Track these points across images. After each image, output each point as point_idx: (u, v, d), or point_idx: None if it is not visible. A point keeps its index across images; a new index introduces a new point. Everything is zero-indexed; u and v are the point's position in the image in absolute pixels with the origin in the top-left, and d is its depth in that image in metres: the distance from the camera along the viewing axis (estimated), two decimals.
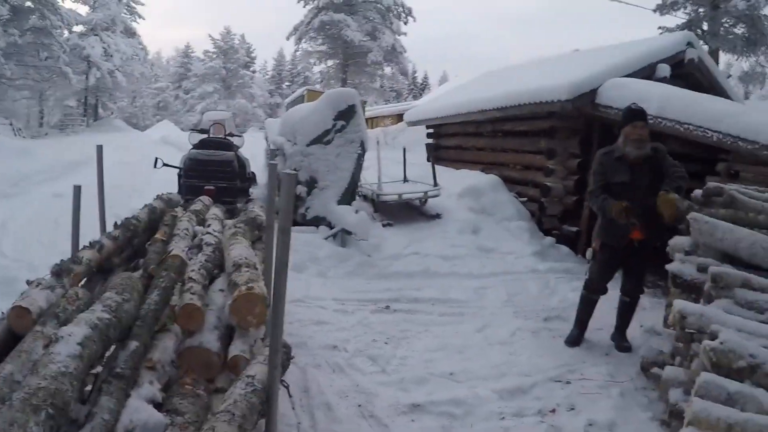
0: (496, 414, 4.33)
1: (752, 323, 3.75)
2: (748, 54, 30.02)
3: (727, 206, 5.04)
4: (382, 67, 46.59)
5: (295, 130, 9.31)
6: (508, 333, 6.12)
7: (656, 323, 6.33)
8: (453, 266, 8.38)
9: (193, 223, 5.41)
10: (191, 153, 9.97)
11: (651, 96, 8.58)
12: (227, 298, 3.75)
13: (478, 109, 12.26)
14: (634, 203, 5.46)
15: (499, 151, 12.58)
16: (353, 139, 9.28)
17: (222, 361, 3.38)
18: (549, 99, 9.82)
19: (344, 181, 9.20)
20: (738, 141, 7.26)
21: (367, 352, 5.30)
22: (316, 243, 8.31)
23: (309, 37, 44.72)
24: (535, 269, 8.73)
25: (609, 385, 4.94)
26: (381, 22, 44.68)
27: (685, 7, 29.45)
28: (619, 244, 5.66)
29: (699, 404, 3.06)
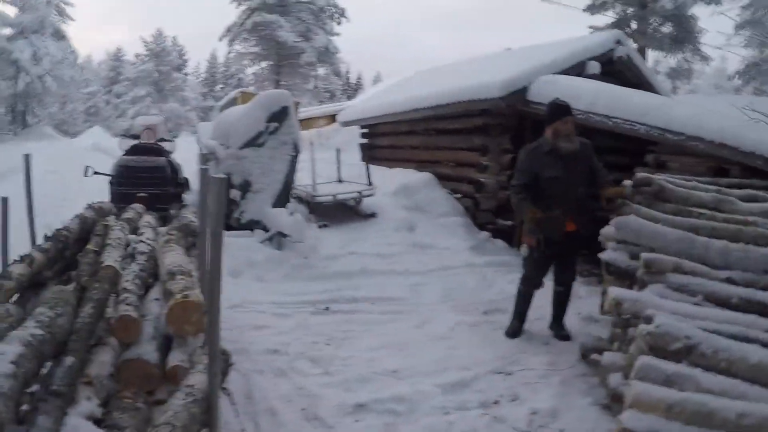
0: (440, 409, 4.36)
1: (686, 306, 3.87)
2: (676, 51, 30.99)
3: (656, 195, 5.16)
4: (315, 68, 46.33)
5: (228, 133, 9.20)
6: (447, 328, 6.16)
7: (593, 311, 6.47)
8: (390, 264, 8.39)
9: (125, 231, 5.30)
10: (122, 160, 9.75)
11: (581, 92, 8.77)
12: (163, 308, 3.68)
13: (411, 108, 12.32)
14: (567, 196, 5.61)
15: (432, 149, 12.66)
16: (286, 141, 9.21)
17: (161, 372, 3.32)
18: (481, 96, 9.93)
19: (278, 183, 9.13)
20: (665, 133, 7.48)
21: (308, 354, 5.27)
22: (252, 247, 8.22)
23: (242, 38, 44.12)
24: (472, 263, 8.81)
25: (550, 374, 5.03)
26: (314, 22, 44.44)
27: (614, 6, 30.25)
28: (556, 237, 5.73)
29: (638, 387, 3.14)
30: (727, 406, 2.92)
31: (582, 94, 8.69)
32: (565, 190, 5.65)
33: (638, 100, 8.25)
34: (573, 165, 5.67)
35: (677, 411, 2.97)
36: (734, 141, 6.71)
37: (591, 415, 4.33)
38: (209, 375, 3.06)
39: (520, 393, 4.66)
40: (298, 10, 43.86)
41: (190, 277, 4.06)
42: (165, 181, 9.55)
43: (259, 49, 45.06)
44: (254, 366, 4.90)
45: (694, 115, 7.39)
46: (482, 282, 8.01)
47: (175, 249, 4.86)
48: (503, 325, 6.25)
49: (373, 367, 5.07)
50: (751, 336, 3.40)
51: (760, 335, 3.41)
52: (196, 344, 3.69)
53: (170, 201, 9.52)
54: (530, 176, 5.75)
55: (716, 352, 3.26)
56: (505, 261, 9.09)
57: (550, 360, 5.35)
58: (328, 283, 7.57)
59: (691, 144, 7.18)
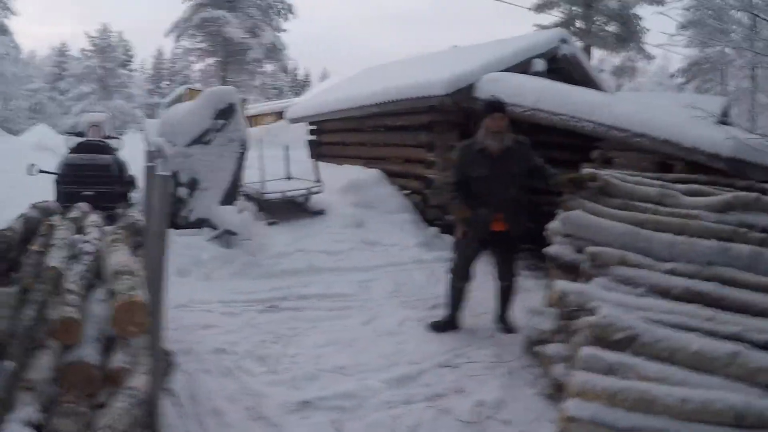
0: (386, 403, 4.37)
1: (629, 297, 3.96)
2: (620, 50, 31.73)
3: (601, 190, 5.25)
4: (262, 65, 45.98)
5: (175, 130, 9.06)
6: (395, 323, 6.17)
7: (539, 304, 6.54)
8: (338, 261, 8.38)
9: (71, 231, 5.19)
10: (67, 158, 9.59)
11: (527, 89, 8.88)
12: (107, 309, 3.62)
13: (358, 105, 12.30)
14: (495, 195, 5.64)
15: (380, 145, 12.68)
16: (234, 138, 9.11)
17: (103, 374, 3.25)
18: (428, 94, 9.97)
19: (226, 181, 9.03)
20: (611, 129, 7.61)
21: (256, 353, 5.23)
22: (200, 245, 8.13)
23: (189, 34, 43.48)
24: (421, 259, 8.85)
25: (495, 366, 5.09)
26: (262, 18, 44.09)
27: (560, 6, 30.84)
28: (480, 234, 5.77)
29: (582, 376, 3.20)
30: (669, 393, 3.00)
31: (527, 92, 8.80)
32: (493, 190, 5.65)
33: (584, 97, 8.38)
34: (503, 164, 5.65)
35: (620, 398, 3.03)
36: (677, 137, 6.86)
37: (536, 405, 4.40)
38: (150, 376, 3.01)
39: (466, 385, 4.71)
40: (246, 6, 43.47)
41: (136, 277, 4.00)
42: (111, 180, 9.42)
43: (205, 45, 44.54)
44: (200, 366, 4.84)
45: (639, 112, 7.54)
46: (430, 277, 8.05)
47: (121, 248, 4.77)
48: None
49: (321, 364, 5.06)
50: (692, 325, 3.49)
51: (701, 324, 3.50)
52: (139, 345, 3.64)
53: (117, 200, 9.38)
54: (462, 174, 5.78)
55: (658, 341, 3.34)
56: None
57: (495, 352, 5.42)
58: (276, 280, 7.52)
59: (636, 140, 7.31)
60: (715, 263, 4.26)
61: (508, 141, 5.68)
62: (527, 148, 5.81)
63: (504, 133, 5.67)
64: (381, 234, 9.61)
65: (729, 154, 6.39)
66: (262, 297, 6.79)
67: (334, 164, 13.11)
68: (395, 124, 11.90)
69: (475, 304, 6.93)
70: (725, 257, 4.24)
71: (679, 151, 6.86)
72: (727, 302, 3.84)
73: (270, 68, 47.88)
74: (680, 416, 2.95)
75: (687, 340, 3.30)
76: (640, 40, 31.15)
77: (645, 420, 2.97)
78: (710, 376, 3.17)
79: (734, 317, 3.65)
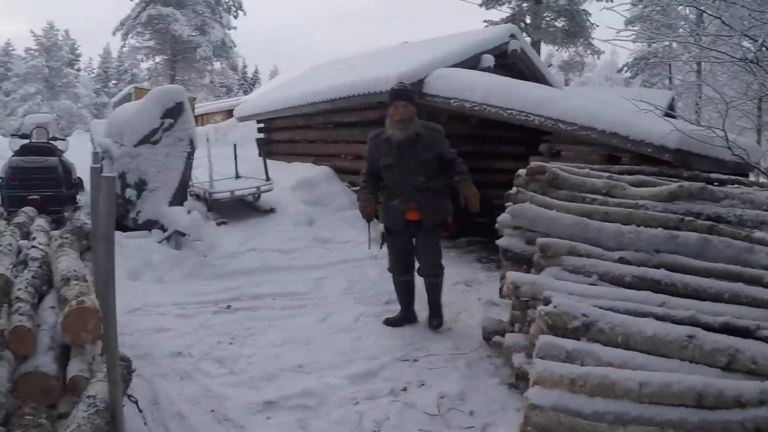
0: (349, 400, 4.37)
1: (582, 286, 4.03)
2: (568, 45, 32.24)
3: (550, 182, 5.33)
4: (211, 63, 45.62)
5: (122, 130, 8.91)
6: (351, 319, 6.18)
7: (493, 295, 6.64)
8: (291, 259, 8.35)
9: (17, 237, 5.08)
10: (12, 161, 9.39)
11: (475, 84, 8.98)
12: (59, 316, 3.56)
13: (308, 102, 12.28)
14: (403, 184, 5.60)
15: (330, 142, 12.68)
16: (182, 138, 9.00)
17: (61, 384, 3.20)
18: (378, 90, 9.99)
19: (175, 181, 8.92)
20: (558, 123, 7.74)
21: (213, 354, 5.19)
22: (150, 247, 8.01)
23: (136, 32, 42.92)
24: (373, 255, 8.86)
25: (455, 358, 5.13)
26: (210, 16, 43.69)
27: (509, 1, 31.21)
28: (396, 227, 5.77)
29: (541, 365, 3.26)
30: (629, 377, 3.08)
31: (476, 87, 8.90)
32: (401, 179, 5.62)
33: (532, 91, 8.50)
34: (408, 153, 5.57)
35: (581, 384, 3.10)
36: (624, 130, 7.02)
37: (499, 394, 4.47)
38: (110, 383, 2.97)
39: (427, 378, 4.73)
40: (195, 3, 43.07)
41: (85, 281, 3.94)
42: (58, 183, 9.26)
43: (153, 43, 44.03)
44: (158, 370, 4.78)
45: (587, 105, 7.68)
46: (383, 273, 8.03)
47: (69, 253, 4.71)
48: None
49: (279, 363, 5.04)
50: (645, 311, 3.57)
51: (654, 309, 3.58)
52: (95, 352, 3.58)
53: (63, 203, 9.23)
54: (371, 165, 5.75)
55: (613, 327, 3.41)
56: None
57: (454, 344, 5.46)
58: (229, 281, 7.46)
59: (583, 133, 7.45)
60: (663, 251, 4.36)
61: (413, 129, 5.57)
62: (438, 137, 5.69)
63: (407, 121, 5.55)
64: (333, 231, 9.61)
65: (675, 146, 6.56)
66: (215, 298, 6.73)
67: (284, 162, 13.07)
68: (345, 120, 11.92)
69: None
70: (673, 245, 4.34)
71: (626, 144, 7.01)
72: (678, 288, 3.94)
73: (219, 66, 47.56)
74: (641, 399, 3.02)
75: (643, 324, 3.37)
76: (589, 36, 31.71)
77: (607, 404, 3.04)
78: (668, 359, 3.25)
79: (686, 302, 3.74)
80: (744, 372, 3.16)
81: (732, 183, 5.70)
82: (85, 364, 3.38)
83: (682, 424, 2.95)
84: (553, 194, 5.30)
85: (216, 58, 44.97)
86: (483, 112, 8.74)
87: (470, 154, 12.35)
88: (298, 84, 15.18)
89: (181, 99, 9.07)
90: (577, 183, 5.33)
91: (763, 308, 3.67)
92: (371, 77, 10.38)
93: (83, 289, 3.67)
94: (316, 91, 12.08)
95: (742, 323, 3.38)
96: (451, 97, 9.22)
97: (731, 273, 4.06)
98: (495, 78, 9.22)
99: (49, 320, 3.63)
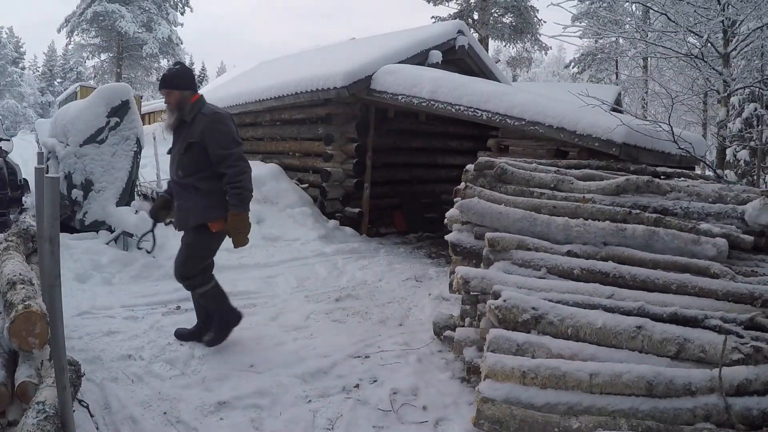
0: (302, 398, 4.34)
1: (531, 280, 4.07)
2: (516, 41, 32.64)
3: (498, 177, 5.38)
4: (158, 60, 44.89)
5: (67, 130, 8.69)
6: (302, 317, 6.16)
7: (443, 291, 6.68)
8: (240, 258, 8.27)
9: None
10: None
11: (423, 80, 9.02)
12: (5, 321, 3.46)
13: (255, 99, 12.20)
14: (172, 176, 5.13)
15: (278, 139, 12.61)
16: (128, 137, 8.82)
17: (10, 390, 3.11)
18: (326, 86, 9.98)
19: (122, 181, 8.74)
20: (506, 118, 7.80)
21: (163, 356, 5.09)
22: (98, 249, 7.84)
23: (82, 29, 41.93)
24: (322, 252, 8.90)
25: (406, 354, 5.15)
26: (157, 12, 43.01)
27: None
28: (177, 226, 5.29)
29: (492, 358, 3.28)
30: (579, 368, 3.12)
31: (424, 83, 8.95)
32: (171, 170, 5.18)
33: (480, 87, 8.56)
34: (174, 142, 5.11)
35: (532, 377, 3.13)
36: (572, 125, 7.12)
37: (451, 388, 4.48)
38: (58, 389, 2.90)
39: (379, 375, 4.73)
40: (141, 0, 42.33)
41: (32, 285, 3.85)
42: (2, 184, 9.04)
43: (99, 41, 43.20)
44: (109, 374, 4.68)
45: (534, 101, 7.76)
46: (333, 270, 8.09)
47: (14, 256, 4.59)
48: (357, 311, 6.40)
49: (231, 363, 4.97)
50: (594, 303, 3.62)
51: (602, 301, 3.64)
52: (43, 357, 3.50)
53: (8, 205, 9.02)
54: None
55: (563, 319, 3.46)
56: (354, 248, 9.28)
57: (404, 340, 5.48)
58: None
59: (531, 129, 7.53)
60: (610, 244, 4.44)
61: (181, 116, 4.99)
62: (207, 125, 4.88)
63: (174, 109, 5.00)
64: (282, 229, 9.57)
65: (622, 140, 6.68)
66: (164, 299, 6.62)
67: None
68: (293, 117, 11.87)
69: (380, 294, 7.03)
70: (620, 237, 4.42)
71: (573, 138, 7.10)
72: (627, 280, 4.01)
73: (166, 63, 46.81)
74: (592, 389, 3.07)
75: (592, 316, 3.42)
76: (536, 32, 32.19)
77: (559, 396, 3.08)
78: (618, 350, 3.30)
79: (634, 293, 3.81)
80: (693, 361, 3.23)
81: (678, 176, 5.82)
82: (34, 370, 3.29)
83: (633, 413, 3.00)
84: (501, 189, 5.35)
85: (163, 56, 44.32)
86: (431, 108, 8.78)
87: (419, 149, 12.50)
88: (246, 81, 15.06)
89: (128, 97, 8.90)
90: (525, 177, 5.38)
91: (711, 298, 3.76)
92: (319, 74, 10.34)
93: (29, 293, 3.58)
94: (264, 87, 12.00)
95: (690, 313, 3.46)
96: (399, 93, 9.24)
97: (678, 264, 4.15)
98: (443, 74, 9.26)
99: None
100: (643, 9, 10.62)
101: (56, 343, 2.85)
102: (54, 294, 2.83)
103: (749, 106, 13.79)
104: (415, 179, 12.73)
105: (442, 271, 7.94)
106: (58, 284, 2.83)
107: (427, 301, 6.69)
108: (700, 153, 7.61)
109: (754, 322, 3.40)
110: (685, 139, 7.03)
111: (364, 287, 7.38)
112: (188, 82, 5.04)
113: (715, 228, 4.51)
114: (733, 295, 3.74)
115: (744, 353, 3.15)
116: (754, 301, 3.68)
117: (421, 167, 12.79)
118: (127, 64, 43.75)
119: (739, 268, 4.23)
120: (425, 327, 5.75)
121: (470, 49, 12.04)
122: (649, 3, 8.39)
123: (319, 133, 10.98)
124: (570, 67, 40.63)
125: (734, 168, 14.99)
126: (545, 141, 7.74)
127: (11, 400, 3.09)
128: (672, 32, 8.01)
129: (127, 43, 41.89)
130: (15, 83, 55.89)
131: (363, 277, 7.82)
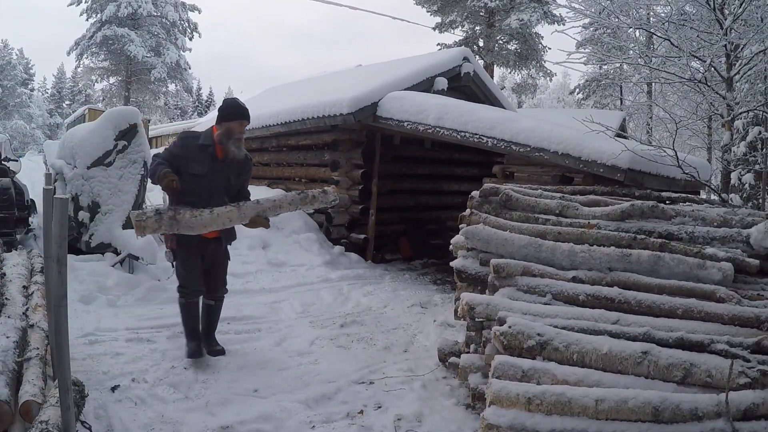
0: (306, 423, 4.32)
1: (536, 306, 4.05)
2: (521, 67, 32.87)
3: (503, 204, 5.38)
4: (166, 84, 45.35)
5: (75, 152, 8.74)
6: (306, 343, 6.14)
7: (448, 317, 6.66)
8: (246, 283, 8.29)
9: None
10: None
11: (429, 107, 9.06)
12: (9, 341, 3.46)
13: (262, 125, 12.24)
14: (202, 197, 5.23)
15: (284, 165, 12.65)
16: (136, 160, 8.86)
17: (13, 409, 3.11)
18: (332, 113, 10.05)
19: (128, 203, 8.75)
20: (511, 145, 7.82)
21: (167, 379, 5.08)
22: (103, 271, 7.85)
23: (91, 52, 42.47)
24: (328, 278, 8.89)
25: (411, 380, 5.12)
26: (165, 37, 43.49)
27: (462, 25, 31.67)
28: (190, 241, 5.39)
29: (497, 384, 3.25)
30: (585, 394, 3.09)
31: (430, 109, 8.99)
32: (208, 193, 5.31)
33: (485, 114, 8.59)
34: (222, 170, 5.41)
35: (537, 403, 3.10)
36: (576, 151, 7.13)
37: (455, 415, 4.45)
38: (62, 409, 2.89)
39: (383, 401, 4.71)
40: (150, 24, 42.86)
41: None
42: (9, 204, 9.06)
43: (108, 64, 43.63)
44: (112, 396, 4.65)
45: (539, 127, 7.78)
46: (338, 296, 8.08)
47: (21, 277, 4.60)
48: (362, 337, 6.37)
49: (234, 388, 4.96)
50: (600, 328, 3.60)
51: (608, 327, 3.61)
52: (47, 376, 3.50)
53: (15, 225, 9.04)
54: (172, 162, 5.28)
55: (568, 345, 3.43)
56: (359, 274, 9.27)
57: (409, 367, 5.46)
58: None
59: (536, 155, 7.54)
60: (616, 269, 4.43)
61: (243, 152, 5.49)
62: (249, 167, 5.76)
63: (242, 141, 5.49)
64: (287, 255, 9.58)
65: (627, 166, 6.68)
66: (169, 322, 6.60)
67: None
68: (299, 143, 11.92)
69: (385, 320, 7.00)
70: (625, 263, 4.41)
71: (578, 164, 7.11)
72: (632, 305, 3.99)
73: (174, 88, 47.22)
74: (598, 416, 3.04)
75: (598, 342, 3.40)
76: (541, 58, 32.40)
77: (564, 422, 3.05)
78: (624, 375, 3.28)
79: (640, 318, 3.79)
80: (700, 385, 3.20)
81: (683, 201, 5.82)
82: (38, 389, 3.29)
83: None
84: (506, 215, 5.35)
85: (171, 80, 44.76)
86: (437, 135, 8.81)
87: (424, 176, 12.53)
88: (253, 106, 15.08)
89: (135, 121, 8.95)
90: (530, 204, 5.39)
91: (717, 323, 3.75)
92: (325, 100, 10.40)
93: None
94: (271, 113, 12.06)
95: (696, 338, 3.43)
96: (405, 120, 9.28)
97: (684, 289, 4.13)
98: (448, 101, 9.30)
99: (1, 344, 3.53)
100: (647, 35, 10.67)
101: (61, 364, 2.85)
102: (60, 314, 2.83)
103: (753, 130, 13.79)
104: (420, 206, 12.76)
105: (448, 298, 7.92)
106: (65, 305, 2.83)
107: (432, 327, 6.67)
108: (705, 177, 7.62)
109: (760, 345, 3.38)
110: (689, 163, 7.03)
111: (369, 313, 7.37)
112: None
113: (720, 252, 4.50)
114: (740, 319, 3.72)
115: (751, 377, 3.12)
116: (761, 325, 3.66)
117: (427, 194, 12.83)
118: (136, 87, 44.13)
119: (745, 291, 4.21)
120: (430, 353, 5.73)
121: (476, 76, 12.12)
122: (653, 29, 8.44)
123: (325, 159, 11.03)
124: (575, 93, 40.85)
125: (739, 192, 15.00)
126: (550, 167, 7.75)
127: (14, 418, 3.08)
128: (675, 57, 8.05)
129: (135, 67, 42.31)
130: (24, 104, 56.27)
131: (368, 303, 7.80)
